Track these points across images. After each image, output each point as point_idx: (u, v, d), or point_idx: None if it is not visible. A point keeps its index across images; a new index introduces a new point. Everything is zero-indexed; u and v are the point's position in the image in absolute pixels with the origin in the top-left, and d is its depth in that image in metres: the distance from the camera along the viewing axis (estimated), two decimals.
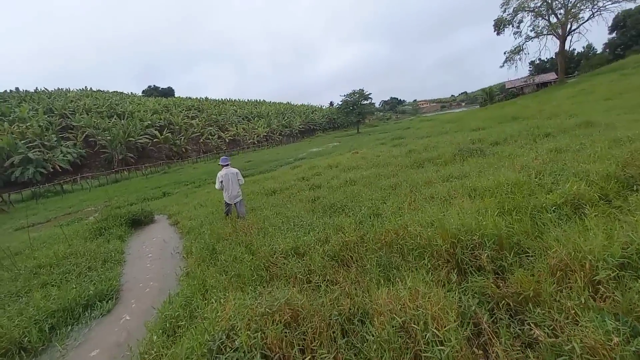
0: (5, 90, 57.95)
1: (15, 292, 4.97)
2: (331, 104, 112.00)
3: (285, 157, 30.09)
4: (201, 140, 55.11)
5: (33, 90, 60.46)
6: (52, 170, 37.55)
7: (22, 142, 38.57)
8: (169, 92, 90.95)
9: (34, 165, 36.78)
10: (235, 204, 7.03)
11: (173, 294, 4.09)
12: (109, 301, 4.57)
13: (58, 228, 10.81)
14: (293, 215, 6.10)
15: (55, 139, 42.08)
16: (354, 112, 62.97)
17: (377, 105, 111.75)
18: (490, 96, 55.89)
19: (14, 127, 40.72)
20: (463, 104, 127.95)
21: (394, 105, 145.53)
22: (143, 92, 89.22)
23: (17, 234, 13.21)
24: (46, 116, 46.28)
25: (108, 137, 43.95)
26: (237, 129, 62.27)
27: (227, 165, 7.09)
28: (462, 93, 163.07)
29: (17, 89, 59.67)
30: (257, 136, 63.32)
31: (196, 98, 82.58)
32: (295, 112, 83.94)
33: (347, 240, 4.16)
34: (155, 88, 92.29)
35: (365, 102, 63.87)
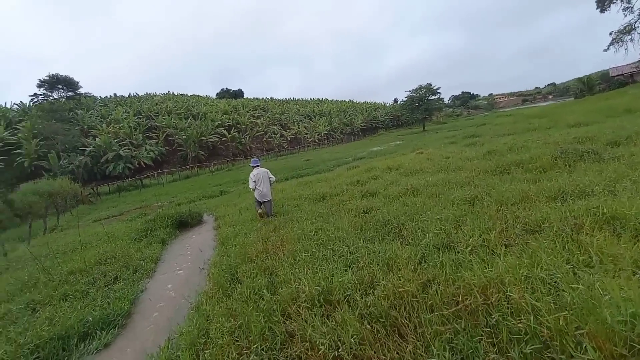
0: (107, 96, 67.12)
1: (34, 304, 4.62)
2: (395, 100, 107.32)
3: (345, 156, 28.90)
4: (264, 139, 56.97)
5: (127, 96, 69.03)
6: (137, 166, 42.20)
7: (115, 140, 44.09)
8: (238, 94, 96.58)
9: (123, 161, 41.71)
10: (264, 203, 7.30)
11: (163, 347, 3.15)
12: (113, 329, 3.88)
13: (118, 224, 11.17)
14: (335, 234, 4.82)
15: (141, 138, 47.31)
16: (420, 108, 58.88)
17: (446, 100, 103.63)
18: (589, 86, 47.14)
19: (110, 128, 46.73)
20: (550, 96, 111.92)
21: (465, 100, 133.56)
22: (217, 94, 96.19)
23: (93, 225, 14.34)
24: (135, 118, 52.31)
25: (184, 137, 47.82)
26: (298, 128, 63.06)
27: (258, 166, 7.43)
28: (549, 84, 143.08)
29: (115, 94, 68.79)
30: (318, 134, 63.29)
31: (262, 98, 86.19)
32: (357, 110, 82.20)
33: (401, 291, 2.77)
34: (227, 90, 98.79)
35: (433, 97, 59.25)
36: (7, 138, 42.78)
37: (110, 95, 68.32)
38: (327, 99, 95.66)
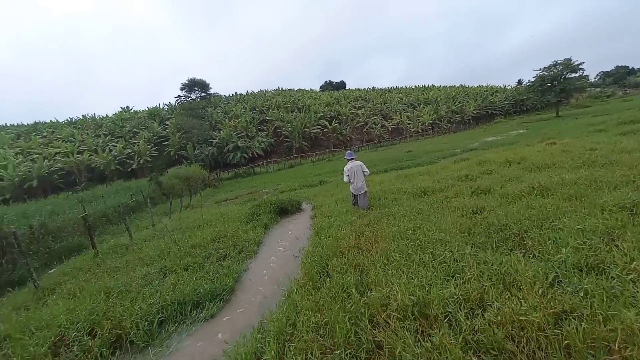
0: (229, 94, 77.42)
1: (165, 270, 5.53)
2: (519, 82, 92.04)
3: (452, 147, 26.31)
4: (365, 129, 56.72)
5: (245, 93, 78.20)
6: (251, 155, 47.71)
7: (235, 133, 50.62)
8: (341, 85, 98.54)
9: (240, 151, 47.73)
10: (359, 195, 7.30)
11: (256, 328, 3.26)
12: (219, 302, 4.31)
13: (232, 206, 12.65)
14: (436, 236, 4.24)
15: (255, 130, 53.12)
16: (554, 89, 48.86)
17: (591, 78, 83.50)
18: None
19: (231, 122, 53.84)
20: None
21: (620, 76, 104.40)
22: (320, 87, 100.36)
23: (214, 206, 16.74)
24: (251, 113, 58.90)
25: (289, 128, 51.56)
26: (400, 117, 60.55)
27: (352, 159, 7.39)
28: None
29: (235, 92, 78.75)
30: (422, 124, 59.51)
31: (364, 89, 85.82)
32: (469, 96, 73.79)
33: (523, 320, 2.16)
34: (330, 83, 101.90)
35: (573, 75, 48.28)
36: (160, 132, 53.91)
37: (232, 94, 78.61)
38: (433, 86, 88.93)
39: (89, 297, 4.52)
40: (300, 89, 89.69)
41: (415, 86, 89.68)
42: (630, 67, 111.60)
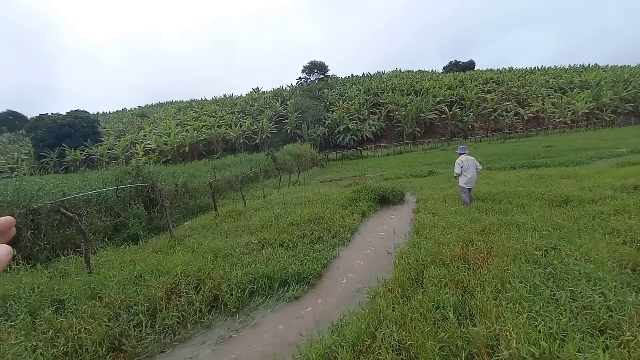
0: (346, 76, 78.48)
1: (267, 243, 5.89)
2: None
3: (614, 145, 20.39)
4: (492, 117, 49.45)
5: (360, 75, 77.91)
6: (360, 138, 47.80)
7: (347, 115, 51.36)
8: (469, 66, 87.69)
9: (350, 133, 48.36)
10: (470, 188, 7.33)
11: (331, 327, 3.05)
12: (305, 286, 4.32)
13: (335, 188, 12.81)
14: (581, 267, 3.13)
15: (367, 113, 52.76)
16: None
17: None
18: None
19: (344, 104, 54.76)
20: None
21: None
22: (444, 68, 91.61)
23: (319, 185, 17.42)
24: (364, 95, 58.54)
25: (403, 113, 49.18)
26: (543, 104, 50.20)
27: (465, 153, 7.36)
28: None
29: (352, 74, 79.26)
30: (573, 113, 47.98)
31: (497, 70, 74.38)
32: None
33: None
34: (456, 63, 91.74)
35: None
36: (281, 111, 59.18)
37: (348, 76, 79.46)
38: (597, 66, 70.31)
39: (201, 255, 5.16)
40: (420, 70, 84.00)
41: (570, 66, 72.66)
42: None
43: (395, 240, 5.73)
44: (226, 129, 55.09)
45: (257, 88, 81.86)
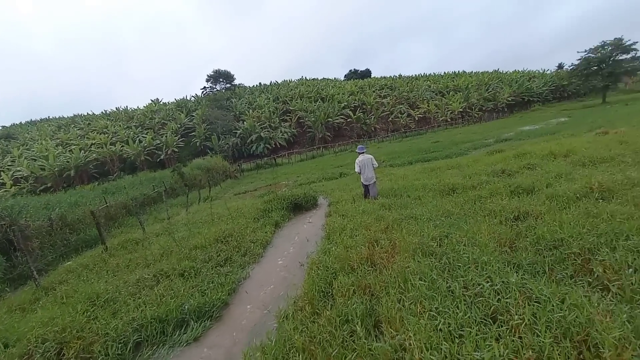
0: (254, 85, 77.61)
1: (160, 275, 5.06)
2: (560, 66, 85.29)
3: (483, 137, 24.52)
4: (390, 119, 54.83)
5: (269, 83, 77.97)
6: (274, 146, 47.55)
7: (258, 124, 50.57)
8: (366, 74, 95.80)
9: (263, 142, 47.70)
10: (369, 185, 7.85)
11: None
12: (207, 320, 3.74)
13: (248, 199, 12.19)
14: (469, 252, 3.38)
15: (277, 121, 52.83)
16: (601, 72, 44.56)
17: None
18: None
19: (254, 113, 53.83)
20: None
21: None
22: (345, 76, 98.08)
23: (233, 198, 16.46)
24: (274, 103, 58.60)
25: (312, 119, 50.76)
26: (428, 106, 57.90)
27: (363, 152, 8.04)
28: None
29: (260, 83, 78.80)
30: (451, 113, 56.60)
31: (390, 77, 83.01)
32: (503, 82, 69.26)
33: None
34: (355, 71, 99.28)
35: (625, 56, 43.71)
36: (187, 123, 54.99)
37: (256, 84, 78.67)
38: (464, 72, 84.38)
39: (72, 306, 4.11)
40: (324, 78, 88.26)
41: (445, 73, 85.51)
42: None
43: (308, 249, 5.55)
44: (122, 146, 48.47)
45: (157, 99, 74.41)
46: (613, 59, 44.36)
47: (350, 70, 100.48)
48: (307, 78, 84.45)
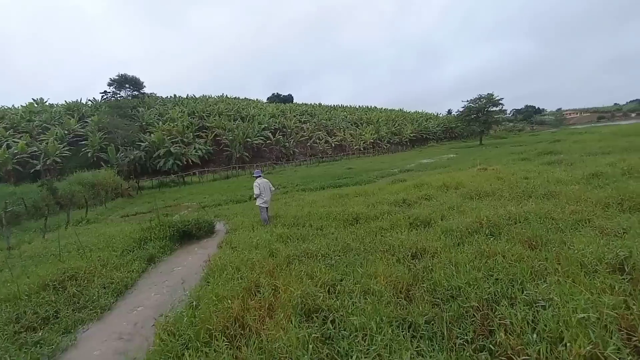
0: (167, 96, 71.43)
1: None
2: (449, 112, 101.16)
3: (390, 167, 26.36)
4: (309, 144, 56.02)
5: (185, 97, 72.82)
6: (185, 163, 43.44)
7: (168, 138, 45.90)
8: (288, 99, 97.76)
9: (173, 157, 43.20)
10: (267, 208, 8.04)
11: None
12: None
13: (132, 224, 10.06)
14: (362, 304, 2.74)
15: (192, 136, 48.86)
16: (478, 120, 53.75)
17: (507, 114, 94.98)
18: None
19: (165, 125, 48.92)
20: (633, 114, 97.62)
21: (529, 114, 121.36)
22: (267, 98, 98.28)
23: (118, 221, 13.68)
24: (189, 117, 54.39)
25: (230, 137, 48.46)
26: (344, 134, 61.24)
27: (260, 176, 8.30)
28: (632, 101, 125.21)
29: (174, 95, 73.00)
30: (364, 142, 60.84)
31: (310, 104, 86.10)
32: (407, 120, 78.27)
33: None
34: (278, 95, 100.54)
35: (495, 108, 53.77)
36: (77, 130, 46.77)
37: (170, 96, 72.57)
38: (375, 107, 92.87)
39: None
40: (245, 98, 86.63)
41: (359, 106, 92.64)
42: (537, 107, 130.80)
43: (177, 294, 4.30)
44: None
45: (41, 99, 61.90)
46: (486, 109, 54.10)
47: (273, 94, 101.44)
48: (228, 96, 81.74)
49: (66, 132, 46.10)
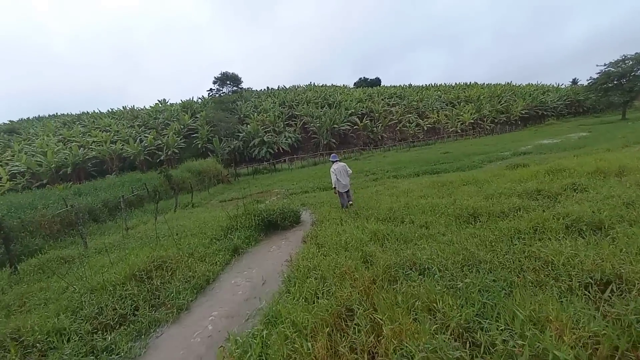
0: (261, 89, 76.49)
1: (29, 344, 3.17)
2: (574, 81, 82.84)
3: (498, 149, 22.42)
4: (398, 128, 52.87)
5: (276, 88, 76.84)
6: (277, 151, 45.86)
7: (262, 127, 49.07)
8: (375, 82, 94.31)
9: (266, 146, 46.06)
10: (346, 192, 7.87)
11: None
12: None
13: (223, 209, 10.34)
14: None
15: (282, 125, 51.25)
16: (621, 87, 42.14)
17: None
18: None
19: (259, 116, 52.41)
20: None
21: None
22: (354, 84, 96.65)
23: (217, 205, 14.64)
24: (280, 107, 57.18)
25: (318, 124, 49.08)
26: (438, 116, 55.79)
27: (337, 161, 8.06)
28: None
29: (267, 87, 77.65)
30: (462, 124, 54.34)
31: (399, 86, 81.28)
32: (516, 94, 66.90)
33: None
34: (365, 79, 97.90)
35: None
36: (190, 124, 53.82)
37: (264, 89, 77.59)
38: (476, 83, 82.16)
39: None
40: (333, 85, 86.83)
41: (456, 83, 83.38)
42: None
43: (263, 294, 3.64)
44: (123, 145, 47.33)
45: (164, 100, 73.65)
46: (634, 73, 41.92)
47: (360, 79, 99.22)
48: (316, 84, 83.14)
49: (182, 126, 53.51)
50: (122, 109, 70.84)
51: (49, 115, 78.31)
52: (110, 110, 72.07)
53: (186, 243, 6.06)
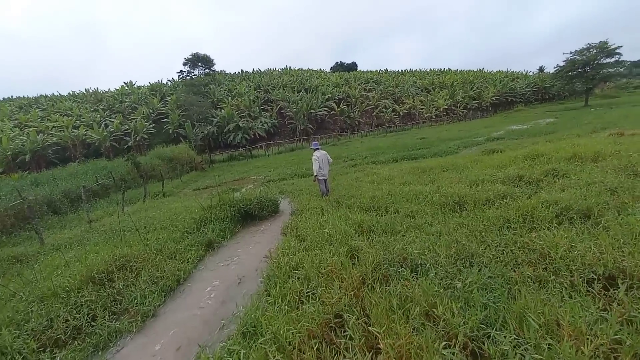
0: (235, 72, 73.70)
1: None
2: (541, 69, 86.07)
3: (472, 135, 22.87)
4: (374, 113, 52.94)
5: (251, 71, 74.28)
6: (252, 136, 44.60)
7: (237, 112, 47.43)
8: (352, 67, 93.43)
9: (241, 131, 44.66)
10: (325, 180, 7.79)
11: None
12: None
13: (195, 199, 9.77)
14: None
15: (258, 110, 49.81)
16: (584, 75, 44.10)
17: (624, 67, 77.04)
18: None
19: (234, 101, 50.58)
20: None
21: None
22: (331, 68, 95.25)
23: (191, 194, 13.92)
24: (255, 92, 55.40)
25: (294, 109, 48.12)
26: (413, 102, 56.33)
27: (318, 148, 7.87)
28: None
29: (242, 70, 74.94)
30: (436, 109, 55.23)
31: (376, 71, 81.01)
32: (488, 81, 68.67)
33: None
34: (341, 64, 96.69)
35: (608, 60, 43.31)
36: (160, 108, 51.11)
37: (238, 72, 74.75)
38: (449, 70, 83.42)
39: None
40: (309, 69, 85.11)
41: (431, 69, 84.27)
42: None
43: (232, 303, 3.29)
44: (86, 130, 44.19)
45: (130, 82, 69.02)
46: (597, 62, 43.90)
47: (336, 63, 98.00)
48: (292, 68, 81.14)
49: (151, 111, 50.70)
50: (84, 91, 66.06)
51: (3, 99, 71.59)
52: (71, 92, 67.12)
53: (154, 238, 5.55)
